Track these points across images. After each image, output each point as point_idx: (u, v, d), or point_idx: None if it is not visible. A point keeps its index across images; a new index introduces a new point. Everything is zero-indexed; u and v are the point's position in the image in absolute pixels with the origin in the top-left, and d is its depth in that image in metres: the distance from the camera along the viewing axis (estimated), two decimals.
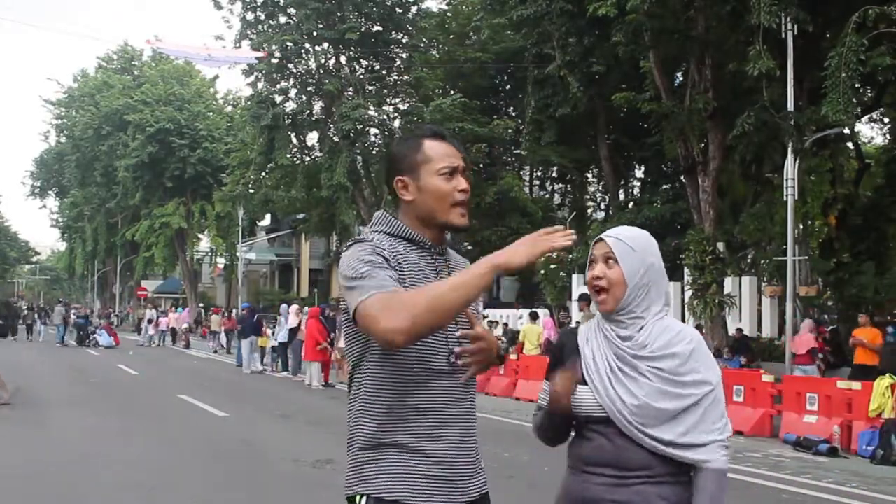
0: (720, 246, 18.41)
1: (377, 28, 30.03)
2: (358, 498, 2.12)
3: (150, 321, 35.86)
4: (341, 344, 11.68)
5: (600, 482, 2.17)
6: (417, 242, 2.22)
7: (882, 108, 23.67)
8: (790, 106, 15.25)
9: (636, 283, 2.20)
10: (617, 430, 2.15)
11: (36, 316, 40.07)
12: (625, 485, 2.14)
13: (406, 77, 30.72)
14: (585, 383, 2.21)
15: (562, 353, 2.33)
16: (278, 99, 30.72)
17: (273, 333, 22.13)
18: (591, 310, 13.48)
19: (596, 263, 2.25)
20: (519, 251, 2.08)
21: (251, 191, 34.31)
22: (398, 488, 2.08)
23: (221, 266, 49.67)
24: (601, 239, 2.26)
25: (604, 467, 2.17)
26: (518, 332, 19.58)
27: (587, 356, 2.24)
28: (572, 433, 2.34)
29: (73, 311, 39.90)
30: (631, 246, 2.22)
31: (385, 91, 30.67)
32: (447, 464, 2.14)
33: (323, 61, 30.68)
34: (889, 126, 25.55)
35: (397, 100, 31.63)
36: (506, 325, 23.38)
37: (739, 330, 17.61)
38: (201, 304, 42.75)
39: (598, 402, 2.17)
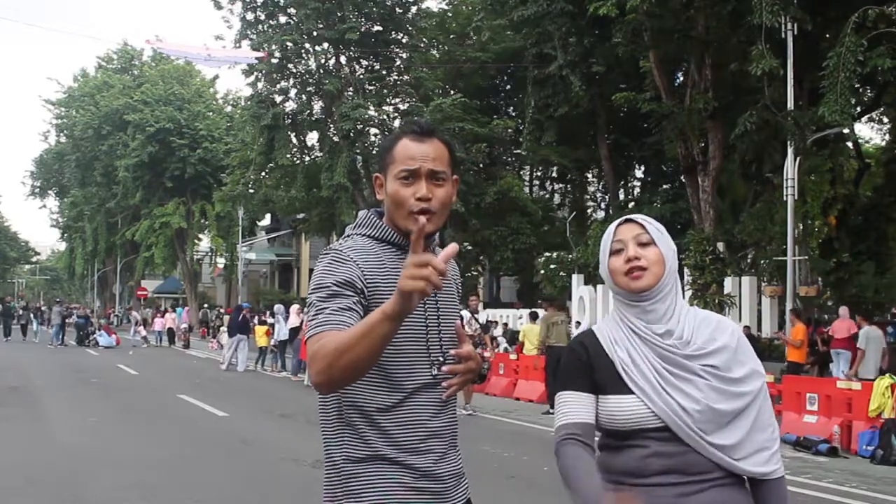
0: (720, 246, 18.42)
1: (377, 28, 30.04)
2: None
3: (141, 322, 35.72)
4: None
5: (667, 492, 1.94)
6: (398, 245, 2.09)
7: (882, 109, 23.68)
8: (790, 106, 15.27)
9: (671, 266, 2.01)
10: (672, 436, 1.94)
11: (31, 316, 39.28)
12: (698, 490, 1.94)
13: (406, 77, 30.72)
14: (628, 391, 1.97)
15: (588, 357, 2.05)
16: (278, 99, 30.74)
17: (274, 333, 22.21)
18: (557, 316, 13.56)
19: (627, 246, 2.01)
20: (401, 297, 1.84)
21: (251, 191, 34.33)
22: (387, 501, 2.01)
23: (221, 266, 49.67)
24: (629, 220, 2.05)
25: (668, 474, 1.94)
26: (518, 332, 19.57)
27: (625, 361, 1.99)
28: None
29: (73, 311, 39.82)
30: (658, 228, 2.05)
31: (385, 91, 30.68)
32: (433, 475, 2.06)
33: (323, 61, 30.69)
34: (889, 126, 25.54)
35: (397, 100, 31.63)
36: (505, 324, 23.39)
37: (747, 328, 17.66)
38: (206, 305, 42.72)
39: (653, 410, 1.94)
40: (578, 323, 19.53)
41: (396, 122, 29.50)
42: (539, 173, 36.14)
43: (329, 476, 2.10)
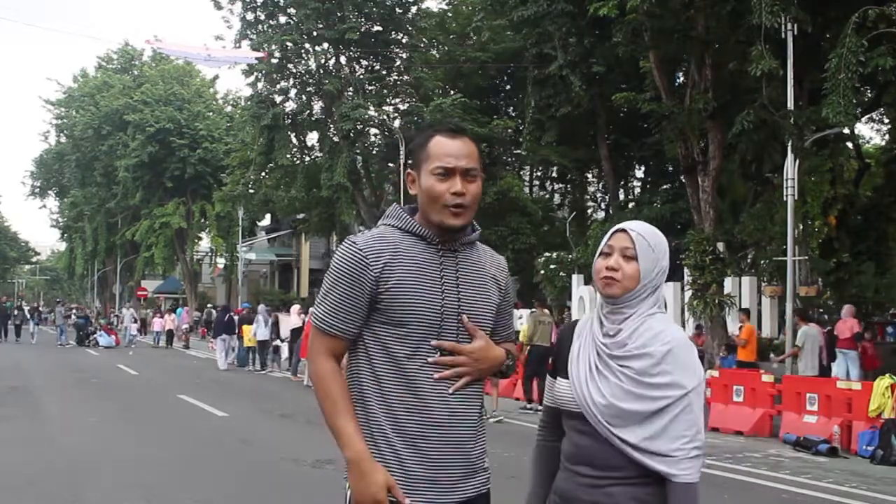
0: (720, 246, 18.41)
1: (377, 28, 30.04)
2: (347, 493, 2.19)
3: (136, 321, 35.62)
4: None
5: (578, 481, 2.17)
6: (424, 238, 2.22)
7: (882, 109, 23.68)
8: (790, 106, 15.25)
9: (647, 282, 2.18)
10: (586, 428, 2.15)
11: (27, 316, 38.47)
12: (598, 485, 2.13)
13: (406, 77, 30.72)
14: (567, 377, 2.23)
15: (561, 344, 2.34)
16: (278, 99, 30.74)
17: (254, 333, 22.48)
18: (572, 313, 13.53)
19: (612, 254, 2.19)
20: (353, 482, 2.14)
21: (251, 191, 34.33)
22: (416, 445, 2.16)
23: (221, 266, 49.66)
24: (623, 230, 2.21)
25: (581, 465, 2.17)
26: (518, 332, 19.56)
27: (573, 351, 2.24)
28: None
29: (73, 311, 39.77)
30: (651, 245, 2.19)
31: (385, 91, 30.67)
32: (434, 465, 2.17)
33: (323, 61, 30.69)
34: (889, 126, 25.55)
35: (397, 100, 31.63)
36: None
37: None
38: (210, 305, 42.65)
39: (573, 397, 2.18)
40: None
41: (396, 122, 29.51)
42: (539, 173, 36.13)
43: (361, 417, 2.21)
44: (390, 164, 30.90)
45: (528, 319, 14.56)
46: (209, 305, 42.32)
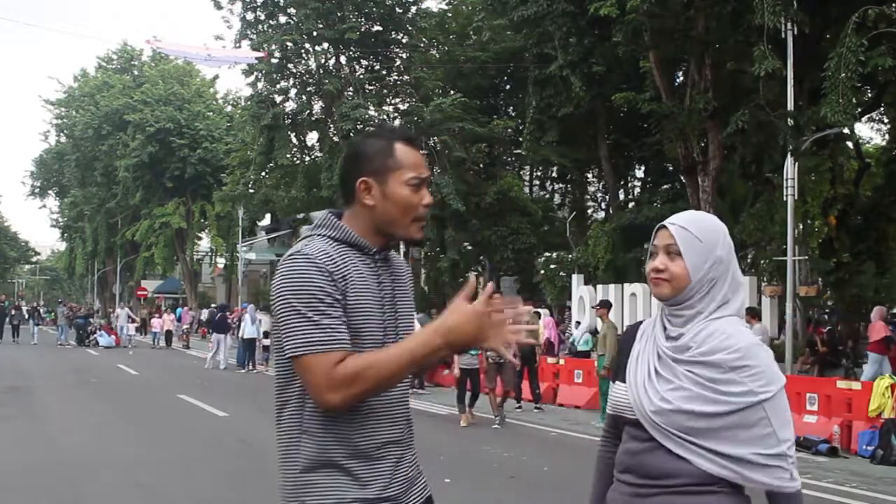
0: None
1: (377, 28, 30.05)
2: None
3: (134, 321, 35.55)
4: None
5: (622, 490, 2.04)
6: (362, 248, 2.07)
7: (882, 109, 23.67)
8: (790, 106, 15.25)
9: (701, 277, 2.00)
10: (640, 434, 2.01)
11: (25, 315, 37.82)
12: (640, 494, 1.99)
13: (406, 77, 30.73)
14: (625, 380, 2.10)
15: (623, 345, 2.21)
16: (278, 99, 30.74)
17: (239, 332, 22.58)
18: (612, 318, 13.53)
19: (657, 254, 2.05)
20: (466, 336, 1.89)
21: (251, 191, 34.33)
22: None
23: (221, 266, 49.66)
24: (664, 226, 2.06)
25: (627, 474, 2.04)
26: None
27: (633, 353, 2.10)
28: None
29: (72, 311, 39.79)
30: (697, 236, 2.01)
31: (385, 91, 30.69)
32: (387, 482, 2.04)
33: (323, 61, 30.70)
34: (889, 126, 25.55)
35: (397, 100, 31.64)
36: None
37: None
38: (213, 305, 42.65)
39: (630, 402, 2.04)
40: (578, 323, 19.53)
41: (396, 122, 29.49)
42: (539, 173, 36.13)
43: (289, 483, 2.08)
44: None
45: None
46: (212, 305, 42.36)
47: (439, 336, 1.91)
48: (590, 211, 34.18)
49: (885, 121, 26.60)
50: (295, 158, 31.73)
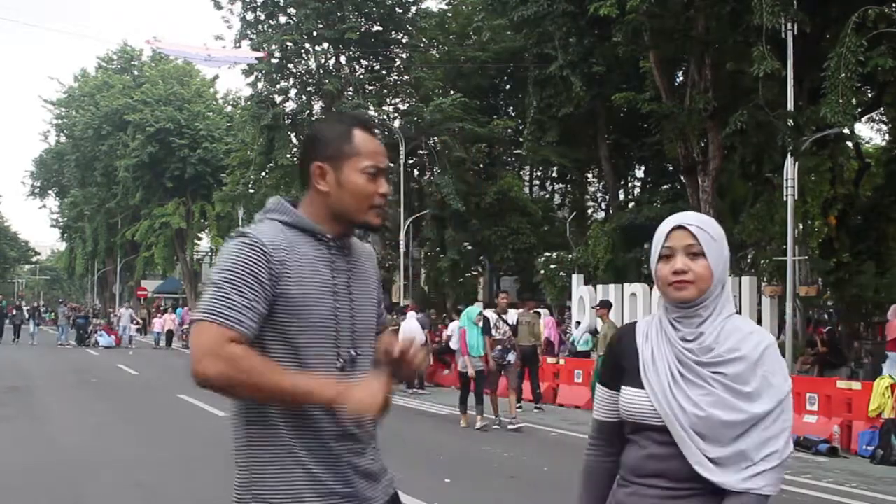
0: None
1: (377, 28, 30.06)
2: None
3: (135, 321, 35.48)
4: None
5: (651, 493, 1.98)
6: (314, 234, 2.03)
7: (882, 109, 23.67)
8: (790, 106, 15.25)
9: (718, 277, 1.98)
10: (668, 439, 1.96)
11: (26, 315, 37.34)
12: (677, 496, 1.96)
13: (406, 77, 30.73)
14: (641, 386, 2.00)
15: (620, 348, 2.10)
16: (278, 99, 30.74)
17: None
18: (612, 318, 13.51)
19: (675, 255, 1.98)
20: (353, 399, 1.87)
21: (251, 191, 34.33)
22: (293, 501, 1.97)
23: None
24: (681, 227, 2.00)
25: (655, 478, 1.98)
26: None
27: (646, 357, 2.01)
28: None
29: (73, 311, 39.77)
30: (713, 237, 1.99)
31: (385, 91, 30.69)
32: (345, 478, 2.00)
33: (323, 61, 30.71)
34: (889, 126, 25.54)
35: (397, 100, 31.64)
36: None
37: None
38: None
39: (656, 409, 1.96)
40: (578, 323, 19.52)
41: (396, 122, 29.51)
42: (539, 173, 36.14)
43: (239, 476, 2.03)
44: (390, 165, 30.88)
45: (517, 316, 14.56)
46: None
47: (336, 394, 1.87)
48: (590, 211, 34.19)
49: (885, 121, 26.60)
50: (295, 158, 31.68)
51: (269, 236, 1.96)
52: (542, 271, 25.13)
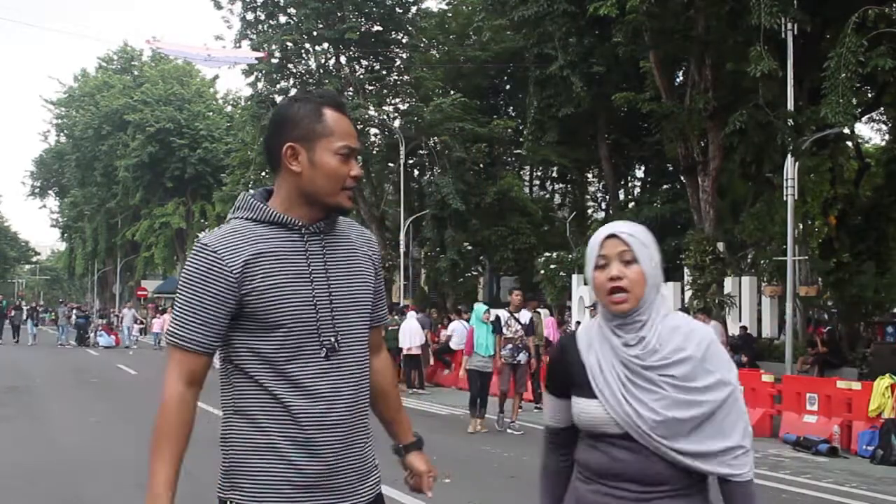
0: (720, 246, 18.42)
1: (377, 28, 30.05)
2: (226, 503, 2.03)
3: (138, 321, 35.41)
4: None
5: (622, 495, 2.02)
6: (285, 225, 2.00)
7: (882, 109, 23.67)
8: (790, 106, 15.25)
9: (652, 281, 2.04)
10: (636, 444, 2.00)
11: (25, 315, 36.08)
12: (647, 499, 2.00)
13: (406, 77, 30.73)
14: (593, 395, 2.03)
15: (564, 358, 2.13)
16: (278, 99, 30.70)
17: None
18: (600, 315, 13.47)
19: (610, 263, 2.03)
20: None
21: (251, 191, 34.32)
22: (269, 498, 1.97)
23: None
24: (614, 235, 2.05)
25: (626, 482, 2.01)
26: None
27: (593, 366, 2.05)
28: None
29: (73, 311, 39.67)
30: (644, 242, 2.05)
31: (385, 91, 30.68)
32: (327, 469, 1.98)
33: (323, 61, 30.71)
34: (889, 126, 25.54)
35: (397, 100, 31.64)
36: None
37: (744, 328, 17.64)
38: None
39: (613, 418, 2.00)
40: (578, 322, 19.54)
41: (396, 122, 29.52)
42: (539, 173, 36.14)
43: (223, 464, 2.07)
44: (390, 164, 30.90)
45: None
46: None
47: (148, 494, 2.05)
48: (590, 211, 34.18)
49: (885, 121, 26.60)
50: None
51: (225, 239, 1.96)
52: (542, 271, 25.14)
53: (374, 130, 30.15)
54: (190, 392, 2.02)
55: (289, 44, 29.04)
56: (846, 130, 17.42)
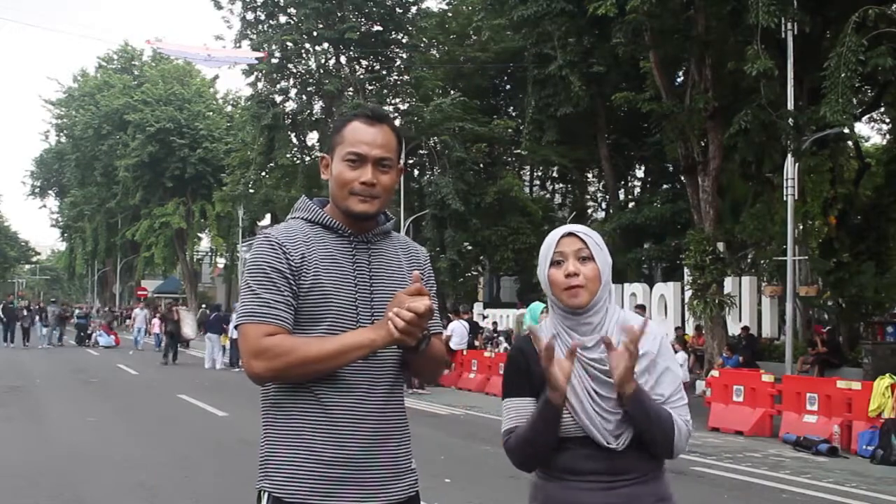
0: (720, 246, 18.41)
1: (377, 28, 30.08)
2: (260, 493, 2.07)
3: (148, 322, 35.32)
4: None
5: (589, 487, 2.08)
6: (336, 230, 2.12)
7: (882, 108, 23.67)
8: (790, 106, 15.25)
9: (606, 279, 2.10)
10: (602, 445, 2.07)
11: (36, 317, 34.60)
12: (615, 487, 2.07)
13: (406, 77, 30.75)
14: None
15: (525, 361, 2.14)
16: (278, 99, 30.76)
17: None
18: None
19: (566, 260, 2.09)
20: (383, 331, 1.98)
21: (251, 191, 34.35)
22: (296, 488, 2.01)
23: (221, 266, 49.65)
24: (571, 234, 2.11)
25: (594, 475, 2.08)
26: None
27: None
28: None
29: (72, 311, 39.58)
30: (598, 243, 2.12)
31: (385, 91, 30.69)
32: (357, 464, 2.03)
33: (323, 61, 30.73)
34: (889, 126, 25.55)
35: (397, 100, 31.66)
36: (495, 323, 23.33)
37: (746, 328, 17.64)
38: (204, 305, 42.51)
39: (577, 422, 2.06)
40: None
41: (396, 122, 29.51)
42: (539, 173, 36.16)
43: (260, 455, 2.11)
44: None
45: (516, 318, 14.67)
46: (203, 306, 42.30)
47: (374, 335, 1.99)
48: (590, 211, 34.20)
49: (886, 121, 26.60)
50: (295, 158, 31.75)
51: (287, 234, 2.10)
52: None
53: None
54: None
55: (289, 44, 29.06)
56: (846, 130, 17.41)
